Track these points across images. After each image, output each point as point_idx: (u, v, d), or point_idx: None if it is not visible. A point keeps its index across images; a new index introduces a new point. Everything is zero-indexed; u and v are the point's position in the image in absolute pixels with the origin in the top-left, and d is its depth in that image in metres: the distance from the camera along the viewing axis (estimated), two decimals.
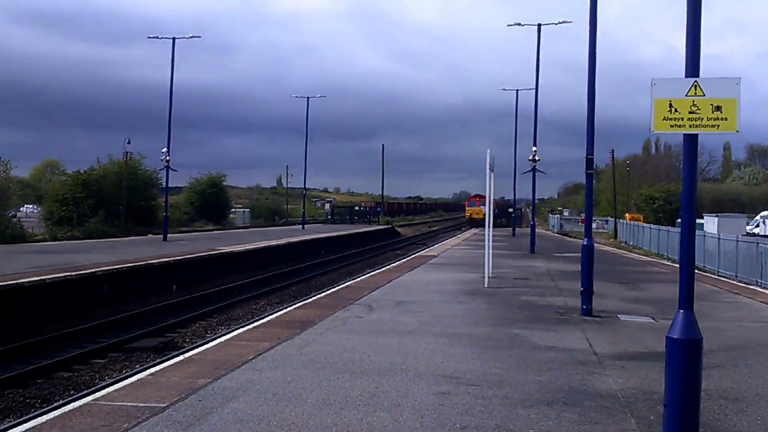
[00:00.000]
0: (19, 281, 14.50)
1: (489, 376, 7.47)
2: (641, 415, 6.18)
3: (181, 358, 8.46)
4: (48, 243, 30.85)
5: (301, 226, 53.12)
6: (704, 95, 5.31)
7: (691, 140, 5.33)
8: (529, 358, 8.42)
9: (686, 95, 5.34)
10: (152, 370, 7.87)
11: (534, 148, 29.00)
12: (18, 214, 52.87)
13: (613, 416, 6.14)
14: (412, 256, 25.93)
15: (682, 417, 5.05)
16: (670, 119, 5.40)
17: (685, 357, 5.04)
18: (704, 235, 30.59)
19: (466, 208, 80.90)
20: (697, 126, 5.32)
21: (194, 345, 13.13)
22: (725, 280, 21.27)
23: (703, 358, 5.12)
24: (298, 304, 12.81)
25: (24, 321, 14.50)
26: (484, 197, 40.74)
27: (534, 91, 30.11)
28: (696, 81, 5.31)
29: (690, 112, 5.33)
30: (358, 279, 17.24)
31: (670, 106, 5.40)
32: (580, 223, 69.54)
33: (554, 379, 7.38)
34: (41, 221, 42.49)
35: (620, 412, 6.26)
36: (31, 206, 72.81)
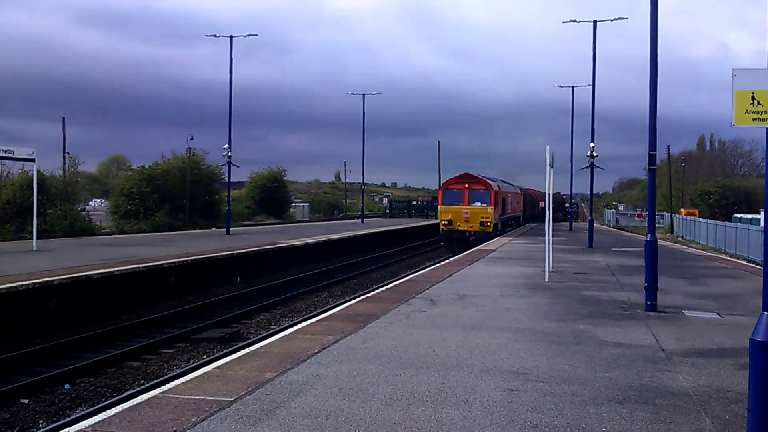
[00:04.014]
0: (87, 273, 15.02)
1: (557, 372, 7.29)
2: (716, 415, 5.93)
3: (246, 351, 8.55)
4: (115, 236, 31.92)
5: (360, 220, 53.41)
6: None
7: None
8: (596, 354, 8.20)
9: None
10: (218, 363, 7.97)
11: (592, 144, 28.61)
12: (86, 208, 54.93)
13: (686, 415, 5.91)
14: (471, 250, 25.65)
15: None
16: (753, 112, 5.11)
17: None
18: None
19: (441, 206, 34.78)
20: None
21: (259, 337, 13.37)
22: None
23: None
24: (361, 298, 12.83)
25: (94, 312, 15.02)
26: (476, 181, 34.09)
27: (591, 87, 29.70)
28: None
29: None
30: (419, 272, 17.17)
31: (753, 98, 5.10)
32: (637, 218, 67.91)
33: (623, 376, 7.16)
34: (109, 215, 44.04)
35: (694, 411, 6.02)
36: (99, 200, 75.59)
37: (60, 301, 14.17)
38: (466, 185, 33.57)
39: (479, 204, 33.21)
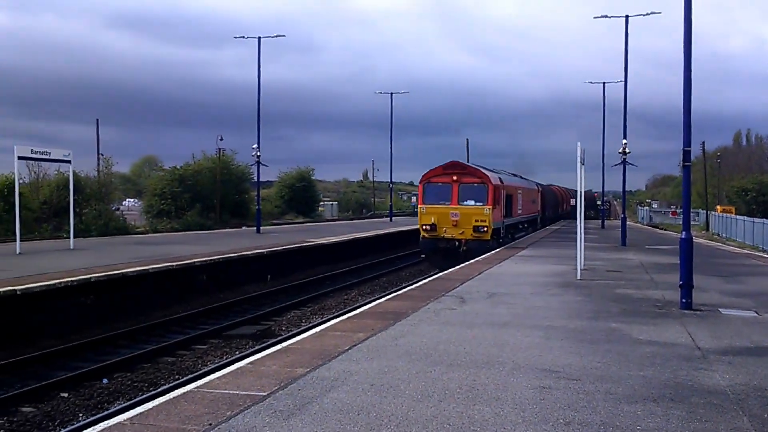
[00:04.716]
0: (123, 271, 15.31)
1: (590, 370, 7.24)
2: (754, 413, 5.83)
3: (278, 347, 8.65)
4: (149, 235, 32.44)
5: (388, 218, 53.46)
6: None
7: None
8: (629, 352, 8.12)
9: None
10: (251, 358, 8.09)
11: (624, 141, 28.32)
12: (120, 207, 55.94)
13: (723, 414, 5.82)
14: (502, 248, 25.53)
15: None
16: None
17: None
18: None
19: (422, 206, 25.42)
20: None
21: (291, 334, 13.51)
22: None
23: None
24: (390, 296, 12.88)
25: (129, 308, 15.31)
26: (468, 171, 25.03)
27: (623, 83, 29.34)
28: None
29: None
30: (449, 270, 17.13)
31: None
32: (671, 216, 66.82)
33: (658, 375, 7.08)
34: (142, 214, 44.81)
35: (731, 410, 5.93)
36: (132, 200, 76.94)
37: (97, 298, 14.47)
38: (455, 177, 24.57)
39: (472, 203, 24.43)
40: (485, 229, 24.01)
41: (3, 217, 30.26)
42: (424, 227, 24.61)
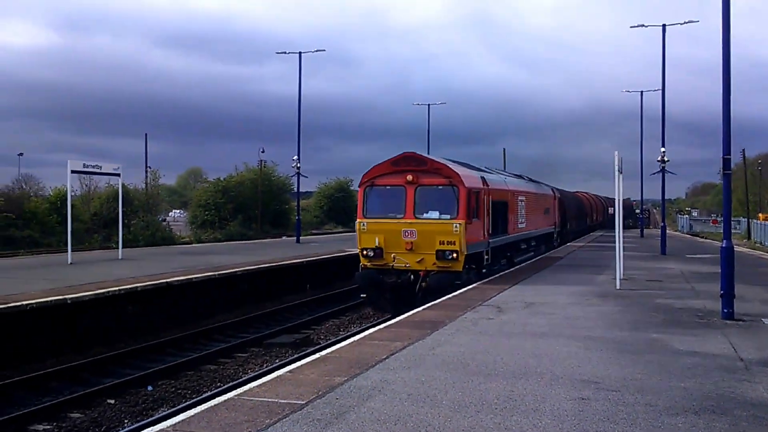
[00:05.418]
0: (168, 280, 15.68)
1: (629, 381, 7.15)
2: None
3: (317, 355, 8.77)
4: (193, 245, 33.12)
5: None
6: None
7: None
8: (670, 363, 7.99)
9: None
10: (290, 367, 8.21)
11: (662, 149, 28.04)
12: (167, 218, 57.21)
13: (767, 427, 5.69)
14: (539, 258, 25.27)
15: None
16: None
17: None
18: None
19: (361, 219, 16.69)
20: None
21: (329, 343, 13.63)
22: None
23: None
24: (427, 305, 12.89)
25: (174, 316, 15.66)
26: (429, 167, 16.31)
27: (660, 91, 29.09)
28: None
29: None
30: (485, 280, 17.05)
31: None
32: (712, 224, 65.17)
33: (700, 386, 6.96)
34: (187, 225, 45.82)
35: None
36: (178, 211, 78.61)
37: (143, 306, 14.85)
38: (409, 177, 16.31)
39: (436, 215, 16.21)
40: (454, 255, 15.81)
41: (56, 229, 31.36)
42: (364, 252, 16.54)
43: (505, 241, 20.19)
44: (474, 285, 16.00)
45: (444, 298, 13.94)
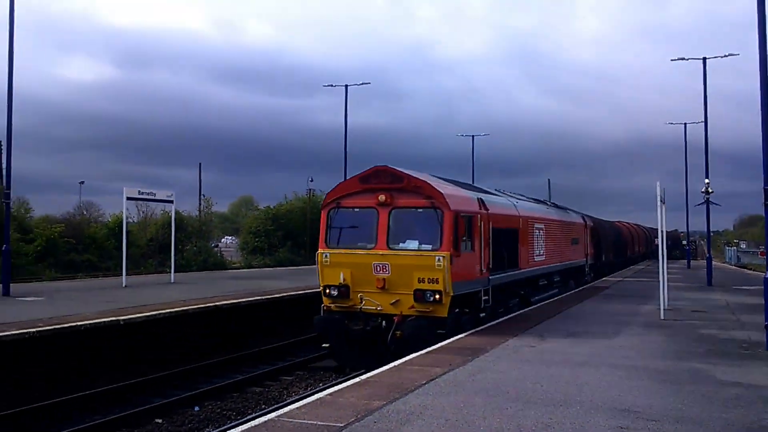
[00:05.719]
0: (217, 303, 16.09)
1: (670, 411, 7.04)
2: None
3: (357, 379, 8.90)
4: (243, 270, 33.80)
5: None
6: None
7: None
8: (712, 394, 7.83)
9: None
10: (331, 390, 8.36)
11: (707, 180, 27.81)
12: (219, 244, 58.51)
13: None
14: (582, 288, 24.86)
15: None
16: None
17: None
18: None
19: (323, 249, 14.02)
20: None
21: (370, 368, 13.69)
22: None
23: None
24: (470, 332, 12.85)
25: (222, 339, 16.03)
26: (405, 186, 13.02)
27: (703, 123, 29.08)
28: None
29: None
30: (529, 308, 16.91)
31: None
32: (760, 256, 62.73)
33: (742, 417, 6.81)
34: (238, 250, 46.81)
35: None
36: (230, 237, 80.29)
37: (193, 329, 15.26)
38: (382, 197, 13.23)
39: (415, 244, 13.08)
40: (436, 296, 12.60)
41: (114, 253, 32.56)
42: (327, 291, 13.82)
43: (515, 277, 16.58)
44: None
45: (486, 325, 13.56)
